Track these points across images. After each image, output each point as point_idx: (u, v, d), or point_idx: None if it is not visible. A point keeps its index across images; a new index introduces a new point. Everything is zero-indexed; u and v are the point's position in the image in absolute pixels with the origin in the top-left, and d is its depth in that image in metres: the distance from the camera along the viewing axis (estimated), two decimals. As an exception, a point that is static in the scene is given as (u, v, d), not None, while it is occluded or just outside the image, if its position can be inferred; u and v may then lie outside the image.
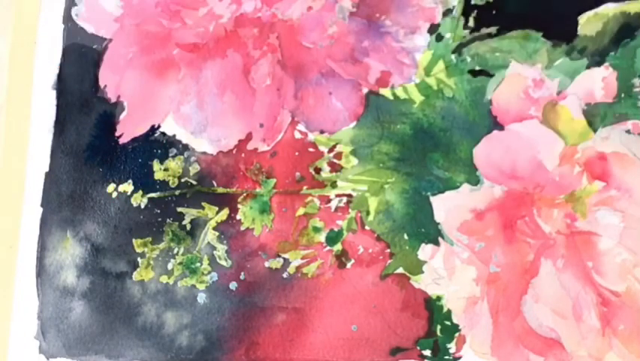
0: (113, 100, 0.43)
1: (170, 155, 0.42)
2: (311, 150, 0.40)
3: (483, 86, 0.39)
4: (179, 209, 0.41)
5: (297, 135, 0.40)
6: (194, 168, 0.41)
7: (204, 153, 0.41)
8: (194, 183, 0.41)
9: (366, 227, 0.39)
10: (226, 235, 0.40)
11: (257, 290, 0.39)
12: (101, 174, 0.42)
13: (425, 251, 0.38)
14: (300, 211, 0.40)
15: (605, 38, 0.38)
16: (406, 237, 0.38)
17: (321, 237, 0.39)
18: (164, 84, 0.42)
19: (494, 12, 0.40)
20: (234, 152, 0.41)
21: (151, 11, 0.43)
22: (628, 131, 0.37)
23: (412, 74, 0.40)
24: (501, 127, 0.39)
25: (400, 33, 0.40)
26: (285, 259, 0.39)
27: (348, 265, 0.39)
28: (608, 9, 0.39)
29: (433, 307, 0.37)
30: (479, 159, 0.39)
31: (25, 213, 0.43)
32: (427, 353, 0.37)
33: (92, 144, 0.43)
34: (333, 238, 0.39)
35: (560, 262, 0.37)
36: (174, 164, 0.41)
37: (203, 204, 0.41)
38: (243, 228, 0.40)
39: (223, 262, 0.40)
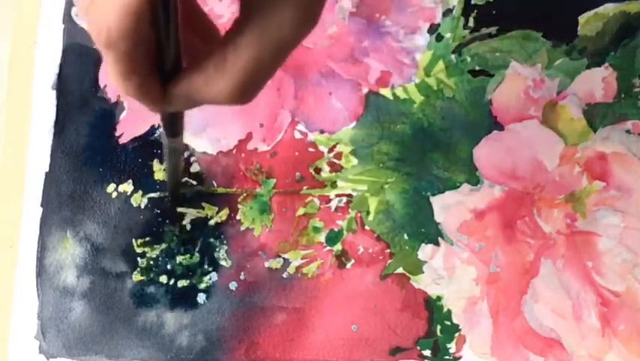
0: (113, 100, 0.43)
1: (170, 155, 0.42)
2: (311, 150, 0.40)
3: (483, 86, 0.39)
4: (179, 209, 0.41)
5: (297, 135, 0.40)
6: (194, 168, 0.41)
7: (204, 153, 0.41)
8: (194, 183, 0.41)
9: (366, 227, 0.39)
10: (226, 235, 0.40)
11: (257, 290, 0.39)
12: (101, 174, 0.42)
13: (425, 251, 0.38)
14: (300, 211, 0.40)
15: (605, 38, 0.38)
16: (406, 237, 0.38)
17: (321, 237, 0.39)
18: (164, 84, 0.42)
19: (494, 12, 0.40)
20: (234, 152, 0.41)
21: (151, 11, 0.43)
22: (628, 131, 0.37)
23: (412, 74, 0.40)
24: (501, 127, 0.39)
25: (399, 33, 0.40)
26: (285, 259, 0.39)
27: (348, 265, 0.39)
28: (608, 9, 0.39)
29: (433, 307, 0.37)
30: (479, 159, 0.39)
31: (25, 213, 0.43)
32: (427, 353, 0.37)
33: (92, 143, 0.43)
34: (333, 238, 0.39)
35: (559, 262, 0.37)
36: (174, 164, 0.41)
37: (203, 204, 0.41)
38: (242, 228, 0.40)
39: (223, 262, 0.40)
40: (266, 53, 0.22)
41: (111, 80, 0.22)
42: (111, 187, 0.42)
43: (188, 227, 0.41)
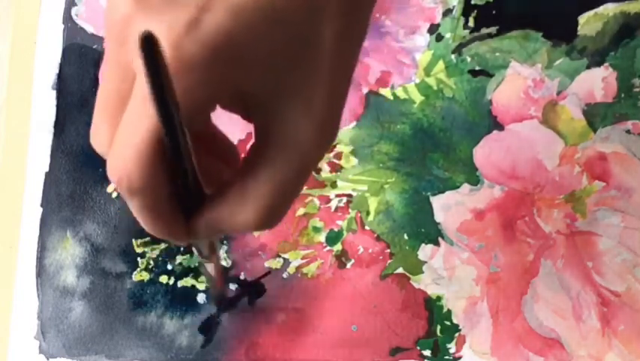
0: (113, 100, 0.43)
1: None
2: (311, 150, 0.40)
3: (483, 86, 0.39)
4: (179, 209, 0.41)
5: (297, 135, 0.40)
6: (194, 168, 0.41)
7: (204, 153, 0.41)
8: (194, 183, 0.41)
9: (366, 227, 0.39)
10: (226, 234, 0.40)
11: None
12: (101, 174, 0.42)
13: (425, 251, 0.38)
14: (300, 211, 0.40)
15: (605, 38, 0.38)
16: (406, 237, 0.38)
17: (321, 237, 0.39)
18: (164, 84, 0.42)
19: (494, 12, 0.40)
20: (234, 152, 0.41)
21: (151, 11, 0.43)
22: (628, 131, 0.37)
23: (412, 74, 0.40)
24: (501, 127, 0.39)
25: (400, 33, 0.40)
26: (285, 259, 0.39)
27: (348, 265, 0.39)
28: (608, 9, 0.39)
29: (433, 307, 0.37)
30: (479, 159, 0.39)
31: (25, 213, 0.43)
32: (427, 353, 0.37)
33: (92, 144, 0.43)
34: (333, 238, 0.39)
35: (559, 262, 0.37)
36: (174, 164, 0.41)
37: (203, 204, 0.41)
38: (242, 228, 0.40)
39: (223, 262, 0.40)
40: (287, 176, 0.21)
41: (141, 223, 0.22)
42: (111, 187, 0.42)
43: (188, 227, 0.41)
